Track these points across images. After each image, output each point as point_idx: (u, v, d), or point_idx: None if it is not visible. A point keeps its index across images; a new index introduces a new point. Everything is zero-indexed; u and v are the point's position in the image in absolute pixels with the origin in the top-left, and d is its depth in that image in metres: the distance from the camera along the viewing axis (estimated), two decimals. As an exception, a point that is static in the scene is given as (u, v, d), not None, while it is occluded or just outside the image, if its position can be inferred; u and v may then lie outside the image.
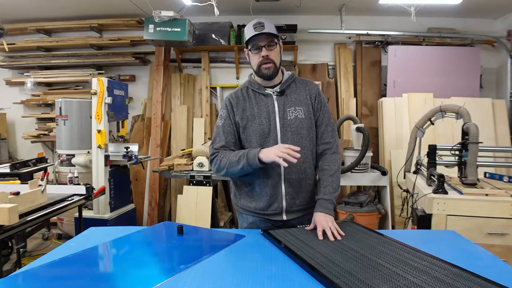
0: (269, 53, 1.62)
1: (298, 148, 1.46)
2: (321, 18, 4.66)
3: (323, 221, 1.54)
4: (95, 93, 3.37)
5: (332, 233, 1.48)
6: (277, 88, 1.70)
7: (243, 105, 1.69)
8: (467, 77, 4.33)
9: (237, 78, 4.79)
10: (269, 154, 1.51)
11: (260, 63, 1.63)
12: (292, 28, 4.41)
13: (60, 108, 3.84)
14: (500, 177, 2.66)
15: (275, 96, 1.69)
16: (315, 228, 1.55)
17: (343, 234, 1.50)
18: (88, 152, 3.73)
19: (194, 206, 3.58)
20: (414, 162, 3.12)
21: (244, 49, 1.70)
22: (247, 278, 1.15)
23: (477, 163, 2.48)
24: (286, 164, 1.46)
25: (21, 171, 3.51)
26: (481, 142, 2.47)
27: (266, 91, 1.69)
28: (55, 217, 3.04)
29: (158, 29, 3.89)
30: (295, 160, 1.45)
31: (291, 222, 1.71)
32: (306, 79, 1.80)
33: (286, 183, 1.68)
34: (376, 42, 4.66)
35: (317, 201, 1.64)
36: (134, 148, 3.67)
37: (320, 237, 1.48)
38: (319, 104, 1.73)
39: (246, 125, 1.67)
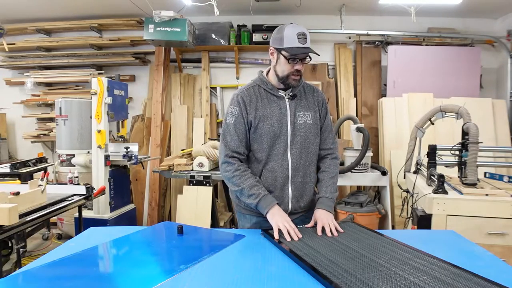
0: (302, 67, 1.63)
1: (300, 236, 1.48)
2: (321, 18, 4.65)
3: (323, 218, 1.58)
4: (95, 93, 3.37)
5: (331, 230, 1.52)
6: (290, 92, 1.70)
7: (255, 104, 1.66)
8: (467, 77, 4.33)
9: (237, 78, 4.79)
10: (273, 219, 1.54)
11: (290, 73, 1.62)
12: (292, 28, 4.40)
13: (60, 108, 3.84)
14: (500, 177, 2.66)
15: (287, 99, 1.69)
16: (315, 225, 1.58)
17: (342, 231, 1.54)
18: (88, 152, 3.73)
19: (194, 206, 3.58)
20: (414, 162, 3.12)
21: (272, 47, 1.64)
22: (247, 278, 1.15)
23: (477, 163, 2.48)
24: (277, 237, 1.48)
25: (21, 171, 3.52)
26: (481, 142, 2.48)
27: (279, 93, 1.69)
28: (55, 217, 3.04)
29: (158, 29, 3.89)
30: (289, 238, 1.46)
31: (293, 222, 1.71)
32: (312, 85, 1.82)
33: (292, 186, 1.70)
34: (376, 42, 4.67)
35: (319, 199, 1.68)
36: (134, 148, 3.67)
37: (319, 233, 1.52)
38: (324, 111, 1.78)
39: (258, 125, 1.65)
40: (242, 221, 1.82)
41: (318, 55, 1.66)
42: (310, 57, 1.63)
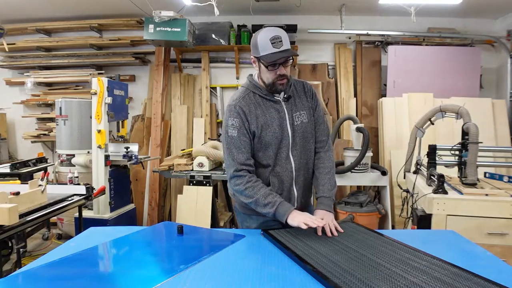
0: (285, 70, 1.57)
1: (323, 223, 1.51)
2: (321, 18, 4.65)
3: (323, 218, 1.58)
4: (95, 93, 3.37)
5: (330, 230, 1.52)
6: (284, 94, 1.67)
7: (255, 113, 1.62)
8: (467, 77, 4.32)
9: (237, 78, 4.79)
10: (295, 219, 1.51)
11: (275, 80, 1.58)
12: (292, 28, 4.40)
13: (60, 108, 3.84)
14: (500, 177, 2.66)
15: (283, 102, 1.67)
16: None
17: (342, 231, 1.54)
18: (88, 152, 3.72)
19: (194, 206, 3.58)
20: (414, 162, 3.12)
21: (252, 56, 1.60)
22: (247, 278, 1.15)
23: (477, 163, 2.48)
24: (306, 227, 1.48)
25: (21, 171, 3.52)
26: (481, 142, 2.48)
27: (275, 97, 1.65)
28: (55, 217, 3.04)
29: (158, 29, 3.88)
30: (321, 224, 1.50)
31: None
32: (301, 80, 1.78)
33: (296, 186, 1.70)
34: (376, 42, 4.66)
35: (318, 199, 1.69)
36: (134, 148, 3.67)
37: (319, 233, 1.52)
38: (314, 104, 1.75)
39: (261, 134, 1.62)
40: (248, 222, 1.78)
41: (297, 55, 1.61)
42: (292, 58, 1.58)
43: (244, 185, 1.59)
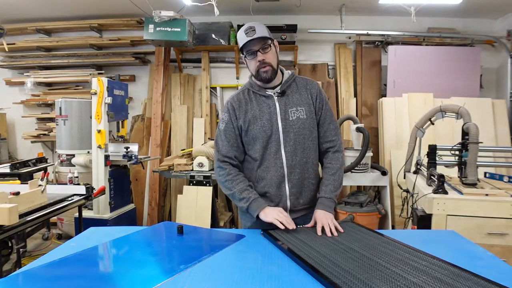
0: (264, 57, 1.60)
1: (294, 226, 1.52)
2: (321, 18, 4.65)
3: (323, 218, 1.58)
4: (95, 93, 3.37)
5: (330, 230, 1.52)
6: (278, 89, 1.69)
7: (245, 108, 1.68)
8: (467, 77, 4.32)
9: (237, 78, 4.79)
10: (268, 215, 1.56)
11: (257, 68, 1.62)
12: (292, 28, 4.41)
13: (60, 108, 3.84)
14: (500, 177, 2.66)
15: (276, 97, 1.68)
16: (315, 225, 1.59)
17: (342, 231, 1.54)
18: (88, 152, 3.72)
19: (194, 206, 3.58)
20: (414, 162, 3.12)
21: (240, 55, 1.68)
22: (247, 278, 1.15)
23: (477, 163, 2.48)
24: (283, 227, 1.51)
25: (21, 171, 3.51)
26: (481, 142, 2.47)
27: (267, 92, 1.68)
28: (55, 217, 3.04)
29: (158, 29, 3.89)
30: (290, 227, 1.51)
31: (295, 221, 1.71)
32: (306, 78, 1.78)
33: (289, 184, 1.69)
34: (376, 42, 4.66)
35: (319, 199, 1.68)
36: (134, 148, 3.67)
37: (319, 232, 1.52)
38: (320, 103, 1.73)
39: (248, 128, 1.66)
40: (243, 220, 1.82)
41: (267, 37, 1.58)
42: (269, 45, 1.60)
43: (225, 177, 1.68)
